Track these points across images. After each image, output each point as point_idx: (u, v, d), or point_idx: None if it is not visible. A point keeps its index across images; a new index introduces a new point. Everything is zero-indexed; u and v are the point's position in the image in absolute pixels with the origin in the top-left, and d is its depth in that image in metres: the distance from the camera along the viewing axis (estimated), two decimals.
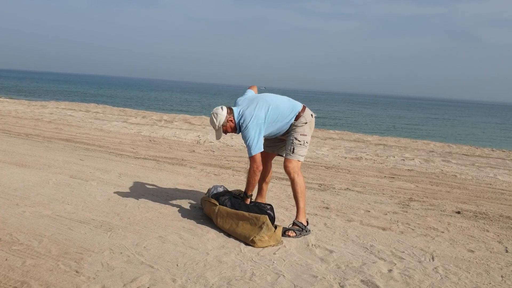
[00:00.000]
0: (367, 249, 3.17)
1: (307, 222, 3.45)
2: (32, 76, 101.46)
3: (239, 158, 7.01)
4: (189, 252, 2.91)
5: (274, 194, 4.64)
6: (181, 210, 3.89)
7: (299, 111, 3.45)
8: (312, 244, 3.18)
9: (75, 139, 8.10)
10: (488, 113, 57.99)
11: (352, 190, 5.12)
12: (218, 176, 5.50)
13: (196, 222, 3.56)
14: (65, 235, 3.10)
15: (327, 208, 4.23)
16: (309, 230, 3.41)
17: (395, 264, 2.90)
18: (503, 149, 11.15)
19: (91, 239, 3.04)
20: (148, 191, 4.51)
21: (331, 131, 13.55)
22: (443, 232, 3.67)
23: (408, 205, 4.54)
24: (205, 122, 13.15)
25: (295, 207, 3.51)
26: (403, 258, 3.01)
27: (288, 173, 3.42)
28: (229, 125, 3.38)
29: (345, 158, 7.76)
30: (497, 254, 3.22)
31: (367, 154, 8.33)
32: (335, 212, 4.10)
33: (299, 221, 3.39)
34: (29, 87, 43.63)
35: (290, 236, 3.28)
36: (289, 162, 3.42)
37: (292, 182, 3.42)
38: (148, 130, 10.45)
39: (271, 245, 3.08)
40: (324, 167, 6.69)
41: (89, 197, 4.11)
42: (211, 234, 3.30)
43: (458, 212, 4.35)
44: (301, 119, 3.45)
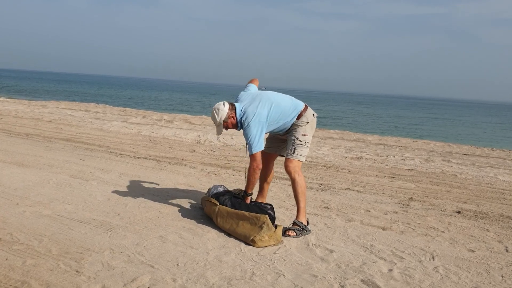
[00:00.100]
0: (368, 248, 3.17)
1: (308, 222, 3.45)
2: (32, 76, 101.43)
3: (240, 157, 7.01)
4: (190, 252, 2.92)
5: (274, 193, 4.64)
6: (181, 209, 3.89)
7: (301, 110, 3.44)
8: (312, 244, 3.19)
9: (75, 138, 8.10)
10: (488, 112, 57.96)
11: (352, 190, 5.11)
12: (218, 176, 5.50)
13: (197, 221, 3.56)
14: (65, 234, 3.11)
15: (327, 208, 4.23)
16: (309, 230, 3.41)
17: (396, 263, 2.91)
18: (503, 149, 11.14)
19: (92, 239, 3.04)
20: (148, 190, 4.51)
21: (331, 130, 13.54)
22: (443, 232, 3.67)
23: (408, 205, 4.54)
24: (205, 122, 13.15)
25: (296, 207, 3.51)
26: (404, 258, 3.01)
27: (288, 173, 3.41)
28: (231, 121, 3.37)
29: (345, 157, 7.76)
30: (497, 253, 3.23)
31: (367, 154, 8.33)
32: (335, 212, 4.10)
33: (299, 220, 3.39)
34: (29, 87, 43.63)
35: (290, 236, 3.28)
36: (290, 162, 3.41)
37: (293, 182, 3.41)
38: (148, 129, 10.45)
39: (271, 245, 3.08)
40: (325, 166, 6.69)
41: (90, 197, 4.11)
42: (212, 233, 3.30)
43: (459, 212, 4.35)
44: (303, 119, 3.44)
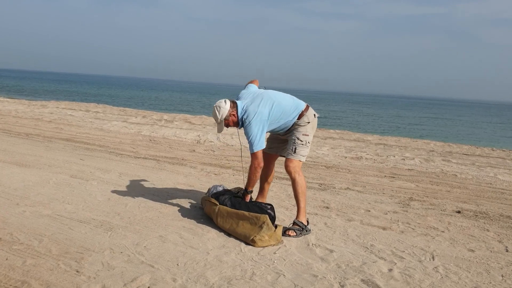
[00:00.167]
0: (368, 248, 3.17)
1: (308, 222, 3.45)
2: (32, 76, 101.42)
3: (239, 157, 7.01)
4: (190, 252, 2.92)
5: (274, 193, 4.64)
6: (181, 209, 3.89)
7: (302, 110, 3.44)
8: (312, 244, 3.19)
9: (75, 138, 8.10)
10: (488, 112, 57.96)
11: (353, 190, 5.11)
12: (218, 176, 5.50)
13: (197, 221, 3.56)
14: (65, 234, 3.11)
15: (327, 208, 4.23)
16: (309, 230, 3.41)
17: (396, 263, 2.91)
18: (503, 149, 11.14)
19: (92, 239, 3.04)
20: (148, 190, 4.51)
21: (331, 130, 13.54)
22: (443, 232, 3.67)
23: (408, 205, 4.54)
24: (205, 122, 13.15)
25: (296, 207, 3.51)
26: (404, 258, 3.01)
27: (289, 172, 3.41)
28: (232, 119, 3.35)
29: (345, 157, 7.76)
30: (497, 253, 3.23)
31: (367, 154, 8.33)
32: (336, 212, 4.10)
33: (299, 220, 3.39)
34: (29, 87, 43.63)
35: (290, 236, 3.28)
36: (291, 162, 3.41)
37: (293, 182, 3.41)
38: (148, 129, 10.45)
39: (271, 245, 3.08)
40: (325, 166, 6.69)
41: (90, 197, 4.11)
42: (212, 233, 3.30)
43: (459, 212, 4.35)
44: (304, 118, 3.43)
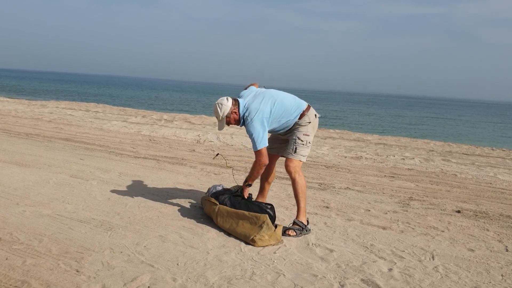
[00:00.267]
0: (367, 248, 3.17)
1: (308, 222, 3.45)
2: (32, 76, 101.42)
3: (239, 157, 7.01)
4: (190, 251, 2.92)
5: (274, 193, 4.64)
6: (181, 209, 3.89)
7: (303, 110, 3.44)
8: (312, 243, 3.19)
9: (75, 138, 8.10)
10: (488, 112, 57.95)
11: (352, 189, 5.12)
12: (218, 176, 5.50)
13: (196, 221, 3.56)
14: (65, 234, 3.11)
15: (327, 207, 4.23)
16: (309, 229, 3.41)
17: (395, 263, 2.91)
18: (503, 148, 11.14)
19: (92, 239, 3.04)
20: (148, 190, 4.51)
21: (331, 130, 13.53)
22: (443, 231, 3.67)
23: (408, 204, 4.54)
24: (205, 121, 13.15)
25: (296, 206, 3.51)
26: (403, 257, 3.01)
27: (289, 172, 3.41)
28: (233, 117, 3.35)
29: (345, 157, 7.76)
30: (497, 253, 3.23)
31: (367, 153, 8.33)
32: (335, 211, 4.10)
33: (299, 220, 3.39)
34: (29, 87, 43.63)
35: (290, 235, 3.28)
36: (291, 161, 3.40)
37: (293, 182, 3.41)
38: (148, 129, 10.45)
39: (271, 244, 3.08)
40: (324, 166, 6.69)
41: (89, 197, 4.11)
42: (212, 233, 3.30)
43: (458, 211, 4.35)
44: (305, 118, 3.43)
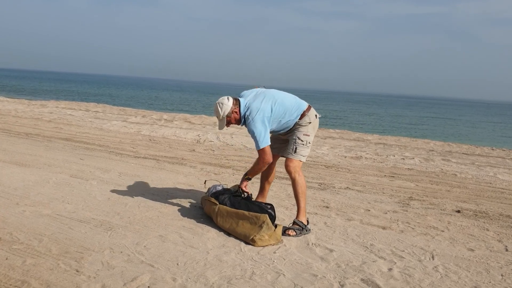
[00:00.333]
0: (367, 248, 3.17)
1: (308, 221, 3.45)
2: (32, 76, 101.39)
3: (239, 157, 7.01)
4: (189, 251, 2.92)
5: (274, 193, 4.64)
6: (181, 209, 3.89)
7: (304, 110, 3.44)
8: (312, 243, 3.19)
9: (75, 138, 8.10)
10: (488, 112, 57.97)
11: (352, 189, 5.12)
12: (218, 175, 5.50)
13: (196, 221, 3.57)
14: (65, 234, 3.11)
15: (327, 207, 4.23)
16: (309, 229, 3.41)
17: (395, 263, 2.91)
18: (503, 148, 11.13)
19: (91, 238, 3.05)
20: (148, 190, 4.51)
21: (331, 130, 13.53)
22: (443, 231, 3.67)
23: (408, 204, 4.54)
24: (205, 121, 13.15)
25: (296, 206, 3.51)
26: (403, 257, 3.01)
27: (289, 172, 3.41)
28: (234, 117, 3.34)
29: (345, 157, 7.76)
30: (497, 253, 3.23)
31: (367, 153, 8.33)
32: (335, 211, 4.10)
33: (299, 220, 3.39)
34: (29, 87, 43.62)
35: (290, 235, 3.29)
36: (291, 161, 3.41)
37: (293, 182, 3.41)
38: (148, 129, 10.45)
39: (271, 244, 3.08)
40: (324, 166, 6.69)
41: (89, 196, 4.11)
42: (211, 233, 3.30)
43: (458, 211, 4.35)
44: (305, 118, 3.43)
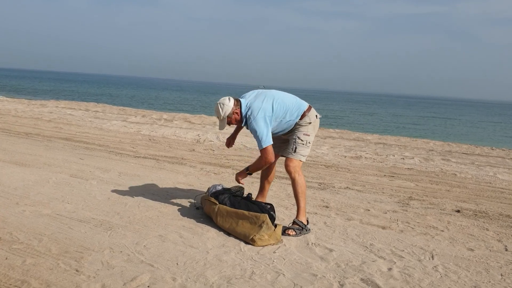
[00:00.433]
0: (367, 247, 3.17)
1: (307, 221, 3.45)
2: (32, 75, 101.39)
3: (239, 157, 7.01)
4: (189, 251, 2.92)
5: (274, 193, 4.64)
6: (181, 209, 3.89)
7: (304, 110, 3.44)
8: (312, 243, 3.19)
9: (75, 138, 8.10)
10: (488, 111, 57.96)
11: (352, 189, 5.12)
12: (218, 175, 5.50)
13: (196, 221, 3.57)
14: (65, 234, 3.11)
15: (327, 207, 4.23)
16: (309, 229, 3.41)
17: (395, 262, 2.91)
18: (503, 148, 11.13)
19: (91, 238, 3.05)
20: (148, 190, 4.51)
21: (331, 130, 13.53)
22: (442, 231, 3.67)
23: (407, 204, 4.54)
24: (205, 121, 13.15)
25: (295, 206, 3.51)
26: (403, 257, 3.02)
27: (289, 172, 3.41)
28: (234, 117, 3.34)
29: (345, 157, 7.76)
30: (497, 252, 3.23)
31: (367, 153, 8.33)
32: (335, 211, 4.10)
33: (299, 220, 3.39)
34: (29, 86, 43.61)
35: (290, 235, 3.29)
36: (291, 161, 3.40)
37: (293, 181, 3.41)
38: (148, 129, 10.45)
39: (271, 244, 3.08)
40: (324, 166, 6.69)
41: (89, 196, 4.11)
42: (211, 233, 3.30)
43: (458, 211, 4.35)
44: (306, 119, 3.43)
